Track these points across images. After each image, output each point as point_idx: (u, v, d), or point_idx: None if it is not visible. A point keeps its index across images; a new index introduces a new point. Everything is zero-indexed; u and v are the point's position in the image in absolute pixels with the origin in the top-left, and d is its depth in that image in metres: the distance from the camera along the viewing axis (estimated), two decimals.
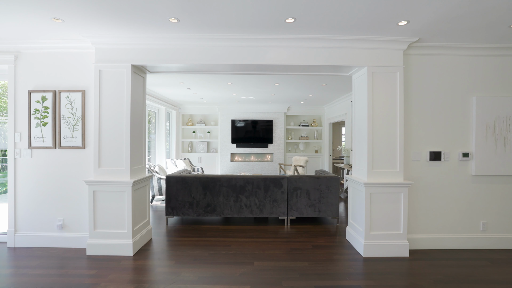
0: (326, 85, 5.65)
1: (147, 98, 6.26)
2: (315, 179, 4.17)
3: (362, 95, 3.23)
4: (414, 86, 3.23)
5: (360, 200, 3.18)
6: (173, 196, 4.15)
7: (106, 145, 3.04)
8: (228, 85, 5.72)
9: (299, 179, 4.16)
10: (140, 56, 3.05)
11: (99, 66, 3.02)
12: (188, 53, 3.06)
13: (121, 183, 2.99)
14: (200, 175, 4.19)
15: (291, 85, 5.66)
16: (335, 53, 3.09)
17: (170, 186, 4.15)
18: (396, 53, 3.09)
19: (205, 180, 4.14)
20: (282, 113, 8.91)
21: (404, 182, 3.04)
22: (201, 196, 4.14)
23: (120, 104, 3.04)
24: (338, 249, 3.24)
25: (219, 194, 4.14)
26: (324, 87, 5.87)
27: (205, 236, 3.67)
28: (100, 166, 3.04)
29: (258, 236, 3.68)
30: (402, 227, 3.06)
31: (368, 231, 3.06)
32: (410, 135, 3.24)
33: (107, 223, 3.03)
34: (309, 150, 9.36)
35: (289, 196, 4.16)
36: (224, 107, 8.82)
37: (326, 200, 4.17)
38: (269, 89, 6.14)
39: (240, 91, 6.35)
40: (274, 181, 4.15)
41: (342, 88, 5.93)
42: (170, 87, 6.03)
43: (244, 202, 4.15)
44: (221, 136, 8.89)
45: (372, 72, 3.08)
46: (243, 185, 4.15)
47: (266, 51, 3.08)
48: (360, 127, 3.31)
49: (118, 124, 3.04)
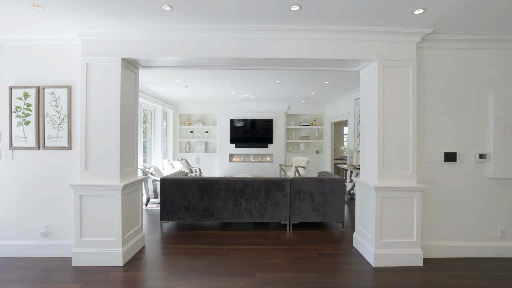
0: (329, 83, 5.41)
1: (142, 97, 6.01)
2: (319, 181, 3.93)
3: (371, 92, 3.00)
4: (426, 82, 3.00)
5: (370, 205, 2.94)
6: (168, 199, 3.90)
7: (94, 146, 2.79)
8: (227, 83, 5.48)
9: (302, 181, 3.92)
10: (131, 49, 2.80)
11: (86, 60, 2.77)
12: (183, 46, 2.81)
13: (109, 187, 2.74)
14: (197, 178, 3.94)
15: (293, 82, 5.42)
16: (342, 46, 2.85)
17: (165, 189, 3.90)
18: (409, 46, 2.85)
19: (202, 182, 3.90)
20: (282, 112, 8.67)
21: (418, 186, 2.81)
22: (198, 200, 3.89)
23: (109, 101, 2.79)
24: (345, 258, 3.01)
25: (217, 198, 3.90)
26: (327, 85, 5.64)
27: (202, 243, 3.42)
28: (87, 168, 2.79)
29: (259, 243, 3.44)
30: (416, 234, 2.83)
31: (378, 239, 2.82)
32: (422, 135, 3.01)
33: (94, 231, 2.77)
34: (310, 150, 9.13)
35: (291, 199, 3.92)
36: (223, 106, 8.57)
37: (331, 203, 3.94)
38: (269, 87, 5.90)
39: (239, 89, 6.11)
40: (275, 183, 3.91)
41: (346, 86, 5.69)
42: (166, 85, 5.78)
43: (244, 206, 3.90)
44: (220, 136, 8.64)
45: (383, 67, 2.85)
46: (242, 188, 3.90)
47: (268, 44, 2.84)
48: (369, 126, 3.07)
49: (106, 123, 2.79)
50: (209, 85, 5.72)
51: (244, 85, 5.68)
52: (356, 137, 6.14)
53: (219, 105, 8.56)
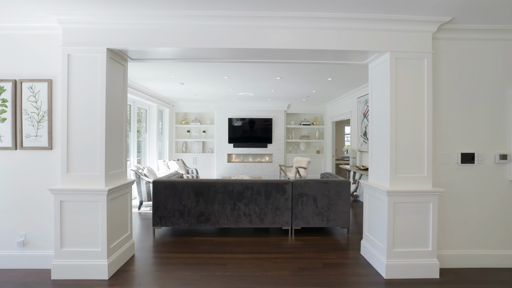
0: (332, 80, 5.15)
1: (136, 94, 5.73)
2: (323, 184, 3.67)
3: (381, 87, 2.74)
4: (442, 76, 2.74)
5: (380, 211, 2.69)
6: (161, 203, 3.62)
7: (76, 146, 2.51)
8: (225, 79, 5.21)
9: (305, 184, 3.66)
10: (117, 38, 2.53)
11: (67, 50, 2.49)
12: (176, 35, 2.54)
13: (93, 192, 2.47)
14: (192, 180, 3.67)
15: (294, 79, 5.16)
16: (349, 36, 2.59)
17: (157, 192, 3.63)
18: (424, 36, 2.59)
19: (197, 185, 3.63)
20: (282, 111, 8.41)
21: (434, 190, 2.55)
22: (193, 204, 3.62)
23: (93, 96, 2.52)
24: (354, 269, 2.75)
25: (214, 202, 3.63)
26: (330, 82, 5.38)
27: (197, 251, 3.15)
28: (69, 171, 2.51)
29: (258, 251, 3.17)
30: (431, 243, 2.57)
31: (390, 248, 2.56)
32: (437, 134, 2.75)
33: (77, 240, 2.50)
34: (311, 150, 8.88)
35: (293, 203, 3.66)
36: (221, 105, 8.30)
37: (336, 207, 3.68)
38: (269, 84, 5.64)
39: (238, 86, 5.84)
40: (276, 186, 3.65)
41: (349, 83, 5.44)
42: (161, 82, 5.50)
43: (243, 210, 3.64)
44: (217, 136, 8.37)
45: (396, 59, 2.59)
46: (241, 191, 3.63)
47: (268, 33, 2.57)
48: (379, 124, 2.82)
49: (91, 121, 2.52)
50: (206, 82, 5.45)
51: (243, 82, 5.41)
52: (360, 136, 5.89)
53: (217, 104, 8.28)
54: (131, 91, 5.49)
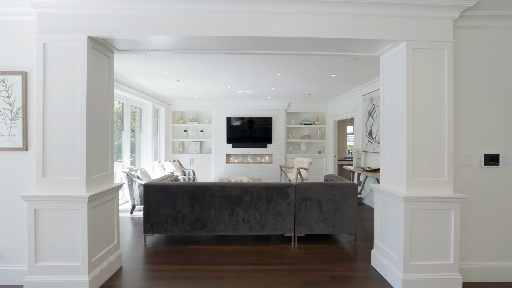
0: (336, 76, 4.88)
1: (130, 92, 5.43)
2: (328, 187, 3.39)
3: (396, 81, 2.46)
4: (463, 69, 2.47)
5: (395, 219, 2.41)
6: (153, 209, 3.33)
7: (54, 147, 2.22)
8: (222, 76, 4.92)
9: (309, 187, 3.38)
10: (100, 25, 2.24)
11: (43, 39, 2.20)
12: (168, 21, 2.25)
13: (72, 199, 2.18)
14: (187, 183, 3.38)
15: (295, 75, 4.87)
16: (359, 23, 2.31)
17: (149, 197, 3.34)
18: (444, 24, 2.32)
19: (192, 189, 3.34)
20: (282, 110, 8.13)
21: (456, 196, 2.28)
22: (187, 209, 3.33)
23: (73, 91, 2.23)
24: (365, 283, 2.47)
25: (210, 207, 3.34)
26: (333, 79, 5.10)
27: (192, 262, 2.86)
28: (46, 175, 2.22)
29: (259, 261, 2.89)
30: (453, 255, 2.30)
31: (407, 261, 2.28)
32: (458, 133, 2.47)
33: (53, 254, 2.21)
34: (312, 150, 8.60)
35: (296, 208, 3.38)
36: (219, 103, 8.01)
37: (342, 213, 3.40)
38: (269, 81, 5.35)
39: (236, 83, 5.55)
40: (278, 190, 3.36)
41: (354, 79, 5.16)
42: (155, 78, 5.21)
43: (242, 216, 3.35)
44: (215, 136, 8.08)
45: (413, 49, 2.31)
46: (240, 195, 3.35)
47: (271, 20, 2.29)
48: (393, 123, 2.54)
49: (70, 119, 2.23)
50: (203, 78, 5.16)
51: (242, 78, 5.12)
52: (365, 136, 5.61)
53: (214, 102, 7.99)
54: (124, 88, 5.20)
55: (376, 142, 5.08)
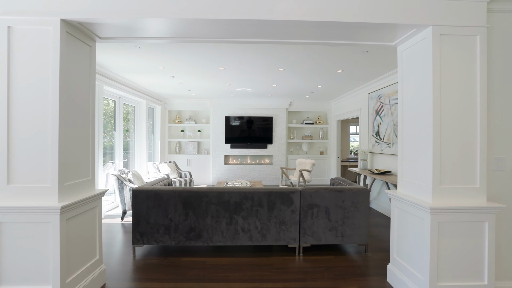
0: (343, 72, 4.55)
1: (122, 89, 5.10)
2: (337, 193, 3.07)
3: (417, 73, 2.14)
4: (496, 59, 2.15)
5: (418, 232, 2.08)
6: (142, 217, 3.00)
7: (20, 149, 1.89)
8: (220, 71, 4.59)
9: (316, 193, 3.06)
10: (77, 6, 1.91)
11: (6, 21, 1.87)
12: (157, 1, 1.93)
13: (42, 210, 1.85)
14: (180, 189, 3.05)
15: (299, 71, 4.55)
16: (379, 4, 1.99)
17: (138, 204, 3.01)
18: (477, 6, 2.00)
19: (186, 195, 3.01)
20: (283, 109, 7.81)
21: (491, 206, 1.96)
22: (181, 217, 3.00)
23: (43, 84, 1.90)
24: None
25: (206, 214, 3.01)
26: (339, 75, 4.78)
27: (185, 277, 2.54)
28: (10, 181, 1.89)
29: (260, 277, 2.56)
30: (487, 274, 1.98)
31: (434, 282, 1.96)
32: (489, 132, 2.16)
33: (20, 275, 1.88)
34: (313, 151, 8.28)
35: (302, 216, 3.05)
36: (217, 102, 7.68)
37: (352, 221, 3.08)
38: (270, 78, 5.03)
39: (235, 80, 5.23)
40: (281, 196, 3.04)
41: (361, 76, 4.84)
42: (149, 75, 4.88)
43: (241, 225, 3.03)
44: (214, 136, 7.75)
45: (440, 36, 1.99)
46: (239, 201, 3.02)
47: (275, 1, 1.97)
48: (413, 121, 2.22)
49: (40, 117, 1.90)
50: (199, 74, 4.83)
51: (241, 74, 4.80)
52: (371, 136, 5.29)
53: (213, 101, 7.67)
54: (115, 85, 4.87)
55: (385, 142, 4.76)
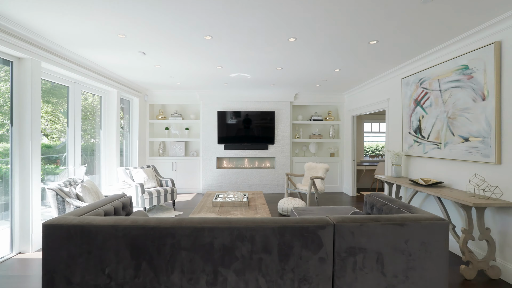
0: (378, 43, 3.28)
1: (77, 71, 3.82)
2: (395, 227, 1.80)
3: None
4: None
5: None
6: (59, 272, 1.71)
7: None
8: (206, 42, 3.30)
9: (360, 228, 1.79)
10: None
11: None
12: None
13: None
14: (128, 222, 1.76)
15: (315, 43, 3.29)
16: None
17: (53, 249, 1.72)
18: None
19: (138, 233, 1.72)
20: (288, 102, 6.55)
21: None
22: (128, 273, 1.72)
23: None
24: None
25: (173, 268, 1.73)
26: (370, 50, 3.52)
27: None
28: None
29: None
30: None
31: None
32: None
33: None
34: (323, 152, 7.03)
35: (336, 267, 1.78)
36: (208, 94, 6.41)
37: (421, 273, 1.82)
38: (276, 54, 3.75)
39: (228, 60, 3.95)
40: (302, 233, 1.77)
41: (400, 50, 3.58)
42: (109, 50, 3.58)
43: (233, 285, 1.75)
44: (204, 134, 6.48)
45: None
46: (229, 244, 1.75)
47: None
48: None
49: None
50: (179, 49, 3.55)
51: (235, 48, 3.52)
52: (407, 134, 4.04)
53: (202, 92, 6.38)
54: (63, 64, 3.57)
55: (431, 142, 3.50)
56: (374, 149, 8.92)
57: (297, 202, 4.54)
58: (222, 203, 3.62)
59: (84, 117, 4.76)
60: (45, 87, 3.75)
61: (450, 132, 3.18)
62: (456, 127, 3.09)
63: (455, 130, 3.10)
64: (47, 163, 3.97)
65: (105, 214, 2.14)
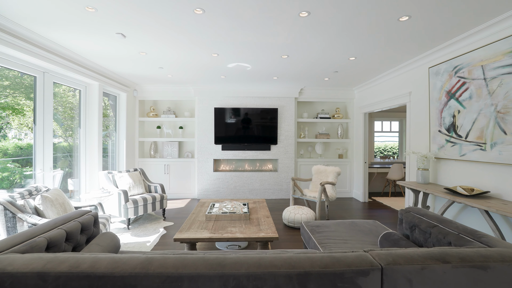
0: (409, 20, 2.66)
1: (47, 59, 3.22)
2: (474, 271, 1.18)
3: None
4: None
5: None
6: None
7: None
8: (197, 18, 2.68)
9: (420, 275, 1.17)
10: None
11: None
12: None
13: None
14: (66, 267, 1.14)
15: (330, 21, 2.67)
16: None
17: None
18: None
19: (77, 286, 1.10)
20: (292, 98, 5.93)
21: None
22: None
23: None
24: None
25: None
26: (399, 28, 2.90)
27: None
28: None
29: None
30: None
31: None
32: None
33: None
34: (330, 153, 6.41)
35: None
36: (203, 89, 5.78)
37: None
38: (282, 37, 3.13)
39: (224, 44, 3.32)
40: (333, 283, 1.14)
41: (435, 29, 2.97)
42: (80, 31, 2.95)
43: None
44: (199, 134, 5.85)
45: None
46: None
47: None
48: None
49: None
50: (164, 29, 2.93)
51: (233, 27, 2.90)
52: (437, 133, 3.43)
53: (197, 87, 5.76)
54: (28, 48, 2.95)
55: (471, 143, 2.89)
56: (382, 150, 8.32)
57: (305, 212, 3.92)
58: (217, 216, 3.00)
59: (68, 114, 4.15)
60: (23, 80, 3.13)
61: (500, 130, 2.56)
62: (509, 124, 2.47)
63: (508, 128, 2.48)
64: (19, 167, 3.38)
65: (48, 244, 1.52)
